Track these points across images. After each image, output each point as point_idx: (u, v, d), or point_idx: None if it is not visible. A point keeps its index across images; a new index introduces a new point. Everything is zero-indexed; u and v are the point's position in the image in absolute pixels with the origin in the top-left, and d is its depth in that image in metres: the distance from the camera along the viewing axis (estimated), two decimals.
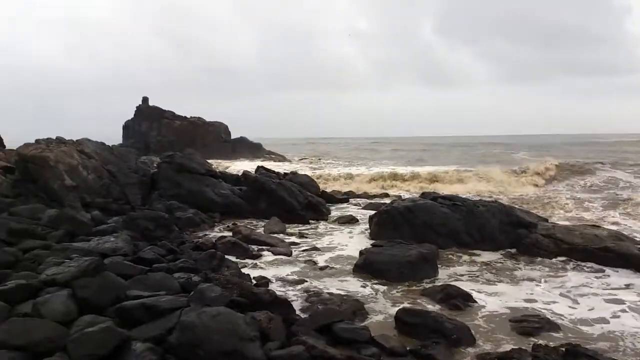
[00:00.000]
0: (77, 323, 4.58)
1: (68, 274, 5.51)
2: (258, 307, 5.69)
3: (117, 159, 16.00)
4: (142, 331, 4.64)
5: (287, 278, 8.05)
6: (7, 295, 5.01)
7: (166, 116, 52.86)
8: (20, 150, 13.23)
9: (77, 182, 12.89)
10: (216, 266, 7.92)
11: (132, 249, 8.19)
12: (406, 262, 8.22)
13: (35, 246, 7.50)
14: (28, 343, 4.07)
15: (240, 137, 54.66)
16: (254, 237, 10.63)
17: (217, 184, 15.10)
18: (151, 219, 10.42)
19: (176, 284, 6.25)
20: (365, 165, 34.69)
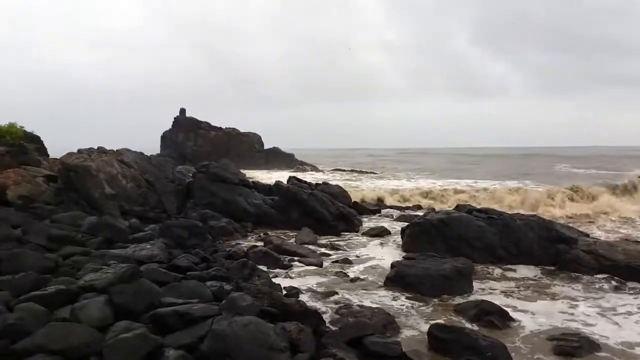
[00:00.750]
0: (113, 329, 4.69)
1: (105, 280, 5.66)
2: (288, 318, 5.68)
3: (155, 169, 16.46)
4: (175, 338, 4.70)
5: (317, 289, 8.02)
6: (47, 300, 5.19)
7: (202, 127, 54.14)
8: (64, 160, 13.81)
9: (116, 191, 13.32)
10: (247, 275, 7.97)
11: (167, 256, 8.36)
12: (440, 276, 8.05)
13: (75, 252, 7.77)
14: (66, 348, 4.19)
15: (273, 148, 55.35)
16: (285, 247, 10.67)
17: (249, 193, 15.28)
18: (186, 227, 10.62)
19: (208, 292, 6.32)
20: (406, 178, 33.91)
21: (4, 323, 4.47)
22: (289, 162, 51.67)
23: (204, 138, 53.30)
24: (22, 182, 12.54)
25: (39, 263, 6.67)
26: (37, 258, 6.83)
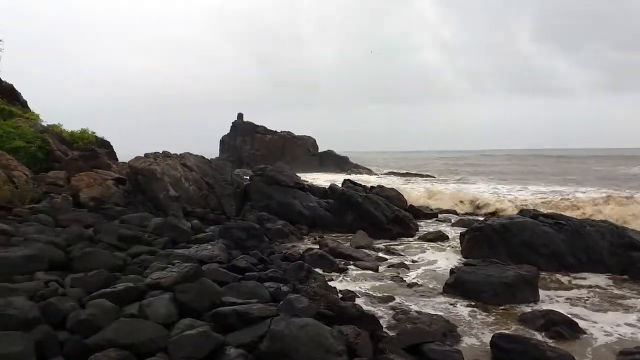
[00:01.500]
0: (177, 325, 4.88)
1: (170, 278, 5.90)
2: (344, 321, 5.66)
3: (215, 172, 16.98)
4: (236, 337, 4.81)
5: (373, 293, 7.94)
6: (116, 296, 5.47)
7: (258, 131, 55.49)
8: (132, 163, 14.60)
9: (179, 193, 13.90)
10: (304, 277, 8.04)
11: (227, 257, 8.59)
12: (503, 284, 7.71)
13: (142, 251, 8.14)
14: (134, 343, 4.39)
15: (327, 151, 55.67)
16: (340, 250, 10.67)
17: (305, 196, 15.42)
18: (244, 229, 10.88)
19: (266, 292, 6.43)
20: (484, 182, 31.76)
21: (76, 318, 4.76)
22: (343, 165, 51.75)
23: (260, 142, 54.59)
24: (93, 184, 13.38)
25: (110, 261, 7.05)
26: (108, 257, 7.22)
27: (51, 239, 7.73)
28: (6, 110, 17.10)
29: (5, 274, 5.92)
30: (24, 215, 9.75)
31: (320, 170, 48.43)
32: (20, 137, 15.00)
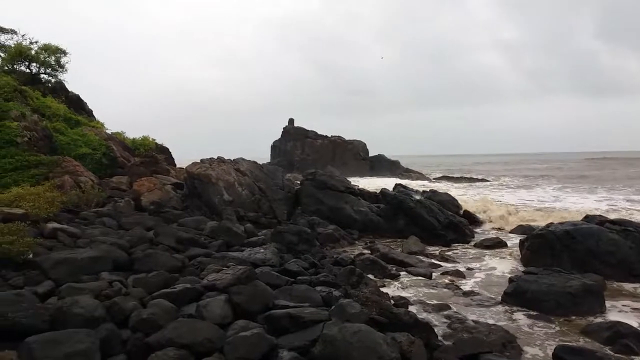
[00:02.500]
0: (233, 327, 4.98)
1: (225, 280, 6.03)
2: (397, 328, 5.55)
3: (267, 177, 17.30)
4: (288, 340, 4.85)
5: (427, 301, 7.74)
6: (175, 297, 5.66)
7: (309, 136, 56.00)
8: (188, 169, 15.15)
9: (233, 197, 14.26)
10: (355, 282, 7.98)
11: (279, 260, 8.70)
12: (566, 294, 7.30)
13: (199, 254, 8.40)
14: (192, 342, 4.52)
15: (378, 155, 55.25)
16: (392, 256, 10.51)
17: (355, 201, 15.36)
18: (295, 233, 10.97)
19: (318, 297, 6.43)
20: (531, 187, 30.25)
21: (138, 317, 4.96)
22: (395, 169, 51.16)
23: (311, 146, 55.05)
24: (154, 189, 14.01)
25: (169, 263, 7.32)
26: (167, 258, 7.51)
27: (115, 241, 8.15)
28: (73, 119, 18.25)
29: (73, 274, 6.30)
30: (90, 218, 10.36)
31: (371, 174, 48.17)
32: (87, 145, 15.97)
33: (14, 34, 20.12)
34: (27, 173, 12.47)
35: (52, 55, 19.89)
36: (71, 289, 5.62)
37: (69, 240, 8.13)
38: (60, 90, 20.45)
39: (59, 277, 6.12)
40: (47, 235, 8.23)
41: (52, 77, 20.51)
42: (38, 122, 14.83)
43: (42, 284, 5.89)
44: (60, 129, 16.32)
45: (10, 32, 20.07)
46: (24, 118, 14.10)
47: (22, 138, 13.32)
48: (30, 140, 13.69)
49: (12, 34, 20.10)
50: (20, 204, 9.37)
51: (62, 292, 5.57)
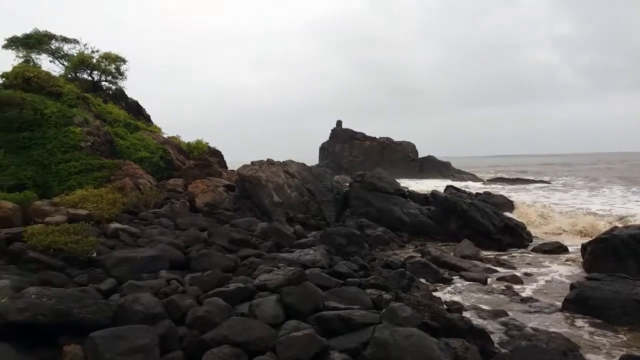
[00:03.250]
0: (284, 327, 5.03)
1: (276, 281, 6.11)
2: (451, 334, 5.42)
3: (315, 179, 17.41)
4: (339, 342, 4.84)
5: (482, 307, 7.49)
6: (229, 295, 5.81)
7: (357, 137, 55.81)
8: (240, 171, 15.51)
9: (282, 199, 14.45)
10: (406, 286, 7.86)
11: (329, 262, 8.71)
12: (633, 301, 6.84)
13: (250, 254, 8.56)
14: (245, 341, 4.61)
15: (428, 156, 54.19)
16: (444, 260, 10.27)
17: (405, 203, 15.14)
18: (344, 235, 10.95)
19: (368, 299, 6.38)
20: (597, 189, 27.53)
21: (194, 315, 5.12)
22: (445, 170, 49.99)
23: (359, 148, 54.85)
24: (207, 191, 14.44)
25: (222, 262, 7.52)
26: (221, 258, 7.72)
27: (172, 241, 8.47)
28: (132, 124, 19.15)
29: (134, 272, 6.60)
30: (148, 219, 10.82)
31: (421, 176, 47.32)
32: (145, 148, 16.70)
33: (76, 43, 21.37)
34: (90, 176, 13.21)
35: (112, 64, 20.97)
36: (132, 286, 5.89)
37: (129, 240, 8.54)
38: (120, 97, 21.52)
39: (121, 275, 6.44)
40: (110, 235, 8.69)
41: (113, 84, 21.63)
42: (100, 127, 15.68)
43: (105, 282, 6.21)
44: (121, 134, 17.17)
45: (73, 42, 21.34)
46: (87, 124, 14.95)
47: (85, 143, 14.13)
48: (93, 145, 14.49)
49: (75, 44, 21.37)
50: (85, 205, 9.94)
51: (124, 290, 5.85)
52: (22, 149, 13.25)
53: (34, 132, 13.64)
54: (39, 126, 13.81)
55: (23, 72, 15.95)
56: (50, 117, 14.14)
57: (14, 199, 9.97)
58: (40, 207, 9.79)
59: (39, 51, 20.17)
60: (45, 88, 15.64)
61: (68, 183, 12.70)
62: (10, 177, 12.31)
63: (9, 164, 12.64)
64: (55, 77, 17.29)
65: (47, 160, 13.22)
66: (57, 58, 21.06)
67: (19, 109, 13.73)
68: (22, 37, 19.90)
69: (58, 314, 4.45)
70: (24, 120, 13.63)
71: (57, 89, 15.82)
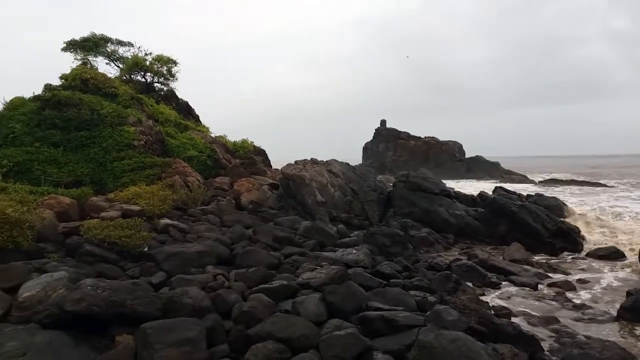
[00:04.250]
0: (327, 325, 5.05)
1: (319, 279, 6.14)
2: (499, 339, 5.26)
3: (359, 178, 17.32)
4: (382, 343, 4.80)
5: (532, 313, 7.21)
6: (273, 292, 5.89)
7: (401, 137, 55.15)
8: (284, 170, 15.67)
9: (326, 198, 14.48)
10: (451, 289, 7.69)
11: (371, 262, 8.65)
12: None
13: (294, 252, 8.64)
14: (289, 337, 4.67)
15: (476, 156, 52.77)
16: (492, 263, 9.96)
17: (451, 204, 14.79)
18: (387, 235, 10.83)
19: (412, 301, 6.30)
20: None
21: (240, 310, 5.23)
22: (494, 171, 48.49)
23: (403, 147, 54.16)
24: (252, 189, 14.69)
25: (266, 260, 7.63)
26: (265, 255, 7.83)
27: (218, 237, 8.69)
28: (182, 124, 19.79)
29: (183, 267, 6.82)
30: (196, 215, 11.14)
31: (468, 177, 46.16)
32: (194, 147, 17.21)
33: (130, 46, 22.33)
34: (142, 173, 13.76)
35: (164, 66, 21.74)
36: (181, 280, 6.09)
37: (178, 235, 8.83)
38: (171, 98, 22.28)
39: (171, 269, 6.67)
40: (160, 230, 9.01)
41: (164, 85, 22.43)
42: (152, 127, 16.30)
43: (155, 275, 6.46)
44: (171, 133, 17.79)
45: (127, 45, 22.31)
46: (140, 123, 15.59)
47: (138, 141, 14.74)
48: (146, 144, 15.09)
49: (129, 46, 22.32)
50: (137, 201, 10.37)
51: (173, 283, 6.06)
52: (80, 147, 14.00)
53: (91, 131, 14.38)
54: (95, 125, 14.54)
55: (81, 74, 16.85)
56: (106, 117, 14.86)
57: (72, 195, 10.55)
58: (96, 203, 10.31)
59: (95, 54, 21.22)
60: (102, 89, 16.46)
61: (122, 180, 13.28)
62: (69, 173, 13.04)
63: (67, 161, 13.39)
64: (111, 79, 18.15)
65: (103, 158, 13.90)
66: (112, 60, 22.09)
67: (77, 109, 14.52)
68: (80, 40, 21.00)
69: (112, 305, 4.67)
70: (82, 119, 14.39)
71: (112, 90, 16.61)
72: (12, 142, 13.35)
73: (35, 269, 6.09)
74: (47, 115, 14.14)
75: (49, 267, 6.18)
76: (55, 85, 16.39)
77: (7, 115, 14.31)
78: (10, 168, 12.42)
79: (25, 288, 5.23)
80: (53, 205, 9.29)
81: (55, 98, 14.51)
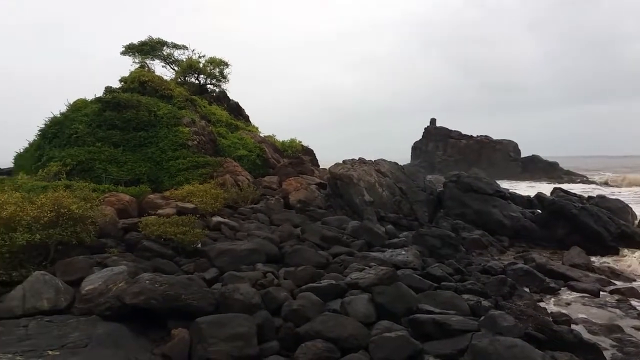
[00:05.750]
0: (376, 326, 5.00)
1: (368, 280, 6.09)
2: (558, 347, 5.02)
3: (407, 178, 17.05)
4: (434, 347, 4.69)
5: (593, 320, 6.81)
6: (321, 291, 5.90)
7: (452, 136, 53.83)
8: (332, 169, 15.68)
9: (374, 198, 14.36)
10: (507, 294, 7.40)
11: (421, 264, 8.48)
12: None
13: (342, 252, 8.63)
14: (338, 337, 4.66)
15: (532, 156, 50.60)
16: (550, 268, 9.48)
17: (506, 205, 14.25)
18: (438, 236, 10.58)
19: (465, 305, 6.11)
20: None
21: (290, 308, 5.28)
22: (551, 171, 46.34)
23: (454, 147, 52.85)
24: (300, 188, 14.80)
25: (315, 259, 7.67)
26: (313, 254, 7.87)
27: (268, 235, 8.82)
28: (233, 124, 20.27)
29: (234, 264, 6.97)
30: (246, 214, 11.37)
31: (523, 177, 44.37)
32: (244, 147, 17.58)
33: (185, 49, 23.13)
34: (195, 172, 14.21)
35: (216, 67, 22.36)
36: (232, 276, 6.23)
37: (230, 233, 9.05)
38: (222, 99, 22.88)
39: (222, 265, 6.84)
40: (212, 227, 9.27)
41: (217, 86, 23.06)
42: (205, 127, 16.80)
43: (208, 271, 6.65)
44: (223, 133, 18.26)
45: (182, 48, 23.13)
46: (194, 124, 16.10)
47: (192, 141, 15.23)
48: (199, 144, 15.58)
49: (184, 49, 23.13)
50: (191, 199, 10.72)
51: (225, 279, 6.21)
52: (138, 147, 14.64)
53: (148, 132, 15.00)
54: (152, 126, 15.16)
55: (139, 76, 17.62)
56: (162, 117, 15.46)
57: (131, 192, 11.05)
58: (153, 200, 10.75)
59: (152, 57, 22.14)
60: (158, 91, 17.14)
61: (177, 178, 13.78)
62: (128, 172, 13.67)
63: (126, 160, 14.04)
64: (167, 81, 18.87)
65: (159, 157, 14.47)
66: (168, 63, 22.97)
67: (135, 110, 15.19)
68: (138, 44, 21.98)
69: (168, 298, 4.84)
70: (140, 120, 15.05)
71: (168, 92, 17.26)
72: (76, 142, 14.15)
73: (97, 263, 6.43)
74: (108, 116, 14.89)
75: (109, 261, 6.49)
76: (115, 87, 17.24)
77: (70, 116, 15.19)
78: (73, 167, 13.18)
79: (87, 281, 5.52)
80: (113, 202, 9.76)
81: (115, 100, 15.25)
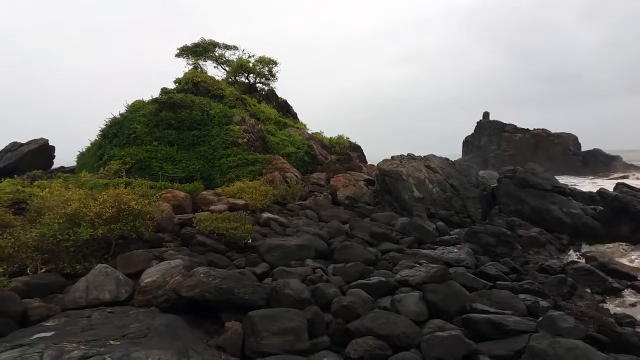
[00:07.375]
0: (428, 325, 4.90)
1: (419, 277, 5.99)
2: (622, 350, 4.78)
3: (459, 174, 16.61)
4: (489, 347, 4.54)
5: None
6: (370, 288, 5.86)
7: (507, 129, 51.92)
8: (380, 165, 15.54)
9: (423, 194, 14.11)
10: (566, 294, 7.05)
11: (474, 262, 8.24)
12: None
13: (391, 249, 8.53)
14: (389, 334, 4.61)
15: (594, 150, 47.92)
16: (613, 267, 8.94)
17: (565, 202, 13.56)
18: (492, 234, 10.23)
19: (522, 305, 5.89)
20: None
21: (340, 304, 5.27)
22: (615, 166, 43.71)
23: (508, 141, 50.95)
24: (348, 185, 14.78)
25: (363, 255, 7.62)
26: (362, 251, 7.83)
27: (316, 232, 8.87)
28: (281, 122, 20.55)
29: (283, 259, 7.07)
30: (295, 210, 11.50)
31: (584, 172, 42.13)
32: (292, 144, 17.79)
33: (235, 49, 23.67)
34: (245, 169, 14.54)
35: (265, 66, 22.74)
36: (283, 272, 6.32)
37: (279, 229, 9.17)
38: (271, 97, 23.26)
39: (272, 260, 6.95)
40: (262, 223, 9.44)
41: (266, 85, 23.46)
42: (254, 125, 17.13)
43: (259, 266, 6.77)
44: (271, 131, 18.56)
45: (233, 48, 23.68)
46: (244, 122, 16.46)
47: (242, 139, 15.58)
48: (248, 141, 15.91)
49: (234, 50, 23.67)
50: (242, 196, 10.96)
51: (275, 274, 6.30)
52: (192, 146, 15.16)
53: (201, 131, 15.50)
54: (205, 125, 15.65)
55: (192, 77, 18.23)
56: (214, 117, 15.92)
57: (185, 189, 11.46)
58: (206, 197, 11.09)
59: (205, 58, 22.83)
60: (211, 91, 17.66)
61: (228, 175, 14.16)
62: (182, 170, 14.19)
63: (181, 158, 14.57)
64: (218, 81, 19.41)
65: (211, 155, 14.92)
66: (220, 64, 23.61)
67: (189, 110, 15.73)
68: (191, 46, 22.73)
69: (221, 292, 4.97)
70: (193, 120, 15.57)
71: (220, 92, 17.75)
72: (134, 141, 14.84)
73: (155, 257, 6.71)
74: (164, 116, 15.50)
75: (166, 255, 6.76)
76: (170, 88, 17.92)
77: (129, 117, 15.95)
78: (132, 165, 13.83)
79: (146, 274, 5.77)
80: (170, 198, 10.15)
81: (171, 100, 15.86)
